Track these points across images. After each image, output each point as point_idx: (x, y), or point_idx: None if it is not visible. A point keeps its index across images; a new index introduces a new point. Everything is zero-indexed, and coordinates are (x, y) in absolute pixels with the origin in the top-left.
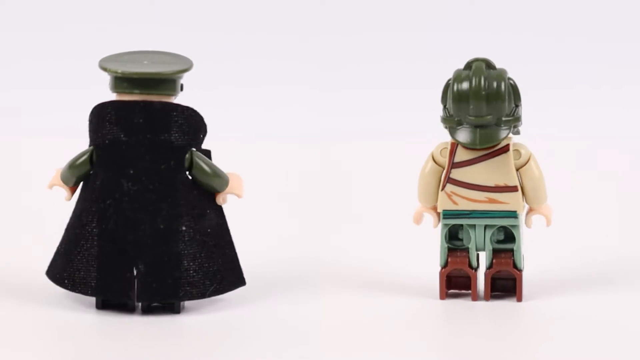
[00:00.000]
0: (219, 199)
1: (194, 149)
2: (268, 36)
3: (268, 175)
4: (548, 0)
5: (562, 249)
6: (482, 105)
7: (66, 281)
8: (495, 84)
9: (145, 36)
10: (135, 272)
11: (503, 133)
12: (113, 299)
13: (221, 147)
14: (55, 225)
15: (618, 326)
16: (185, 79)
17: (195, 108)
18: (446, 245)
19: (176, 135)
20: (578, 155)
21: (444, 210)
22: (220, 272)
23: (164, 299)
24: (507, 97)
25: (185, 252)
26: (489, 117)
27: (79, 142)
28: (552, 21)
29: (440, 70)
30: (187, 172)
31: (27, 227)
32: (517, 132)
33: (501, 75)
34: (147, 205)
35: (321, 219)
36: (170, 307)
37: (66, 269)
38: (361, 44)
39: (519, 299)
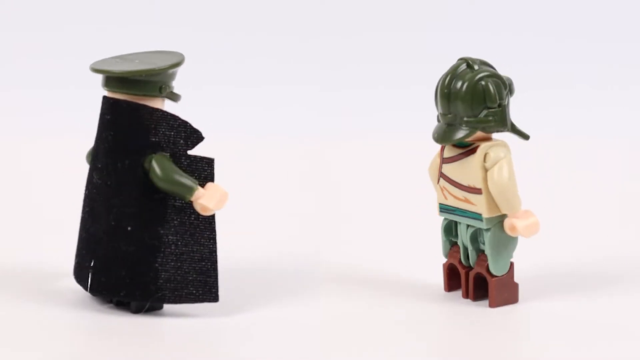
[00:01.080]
0: (196, 207)
1: (163, 153)
2: (268, 36)
3: (268, 175)
4: (548, 0)
5: (562, 249)
6: (445, 103)
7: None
8: (459, 84)
9: (145, 36)
10: (91, 264)
11: (460, 133)
12: (79, 285)
13: (221, 147)
14: (55, 225)
15: (617, 327)
16: (185, 80)
17: (192, 110)
18: (445, 239)
19: (137, 135)
20: (578, 155)
21: (439, 204)
22: (175, 281)
23: (109, 295)
24: (470, 98)
25: (130, 252)
26: (450, 115)
27: (79, 142)
28: (552, 21)
29: (440, 70)
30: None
31: (26, 226)
32: (525, 137)
33: (473, 76)
34: (105, 200)
35: (321, 218)
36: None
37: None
38: (361, 44)
39: (491, 305)
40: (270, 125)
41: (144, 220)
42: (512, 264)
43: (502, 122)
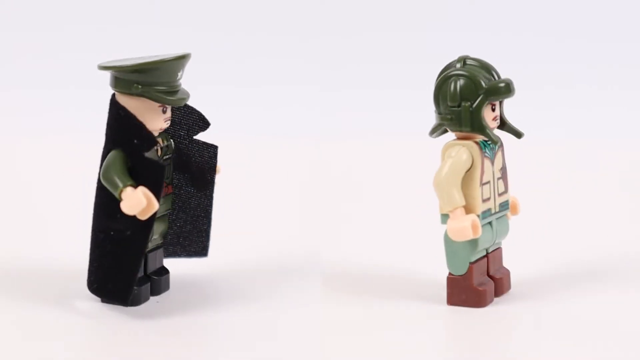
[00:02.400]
0: None
1: (119, 150)
2: (268, 36)
3: (268, 175)
4: (548, 0)
5: (562, 249)
6: (433, 98)
7: None
8: (437, 82)
9: (146, 36)
10: None
11: (437, 129)
12: None
13: (221, 147)
14: (55, 225)
15: (612, 326)
16: (185, 80)
17: (193, 107)
18: None
19: (109, 130)
20: (578, 156)
21: None
22: (93, 274)
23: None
24: (437, 95)
25: (90, 243)
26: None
27: (79, 142)
28: (552, 21)
29: (440, 70)
30: None
31: (26, 226)
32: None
33: (445, 74)
34: None
35: (321, 218)
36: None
37: None
38: (361, 44)
39: (447, 302)
40: (270, 125)
41: (97, 213)
42: (471, 267)
43: (459, 122)
